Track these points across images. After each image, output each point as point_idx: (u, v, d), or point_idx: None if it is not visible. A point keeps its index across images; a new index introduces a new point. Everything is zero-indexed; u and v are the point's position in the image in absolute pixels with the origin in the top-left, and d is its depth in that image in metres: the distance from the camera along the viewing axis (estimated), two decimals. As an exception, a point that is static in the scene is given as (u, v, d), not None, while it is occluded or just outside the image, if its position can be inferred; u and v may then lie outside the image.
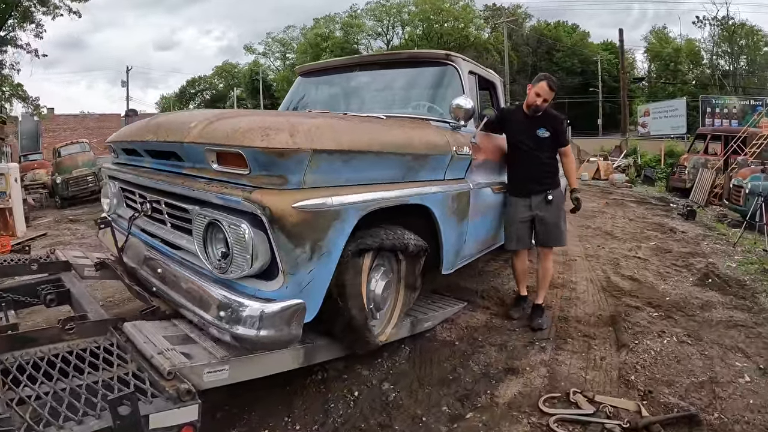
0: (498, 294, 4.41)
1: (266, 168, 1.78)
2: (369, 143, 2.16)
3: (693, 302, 4.16)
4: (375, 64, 3.85)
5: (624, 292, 4.44)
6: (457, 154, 2.86)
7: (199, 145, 1.91)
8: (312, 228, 1.84)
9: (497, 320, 3.85)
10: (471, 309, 4.08)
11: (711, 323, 3.71)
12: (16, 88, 19.23)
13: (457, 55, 3.46)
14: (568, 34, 47.85)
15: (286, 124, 1.87)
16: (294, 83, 4.20)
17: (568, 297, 4.32)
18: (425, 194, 2.58)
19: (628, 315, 3.87)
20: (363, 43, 49.14)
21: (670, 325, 3.67)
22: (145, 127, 2.41)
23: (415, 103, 3.47)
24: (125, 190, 2.83)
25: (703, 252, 6.07)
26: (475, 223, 3.22)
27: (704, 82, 37.54)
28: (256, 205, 1.70)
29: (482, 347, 3.37)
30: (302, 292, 1.87)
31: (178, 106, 59.38)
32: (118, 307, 4.12)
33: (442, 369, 3.02)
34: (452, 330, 3.64)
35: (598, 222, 8.27)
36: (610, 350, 3.28)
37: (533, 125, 3.46)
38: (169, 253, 2.33)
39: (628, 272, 5.07)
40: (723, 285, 4.64)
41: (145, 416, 1.43)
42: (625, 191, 13.89)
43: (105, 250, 3.37)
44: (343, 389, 2.69)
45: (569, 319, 3.83)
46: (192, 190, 1.99)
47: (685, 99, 23.08)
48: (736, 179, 8.42)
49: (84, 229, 8.84)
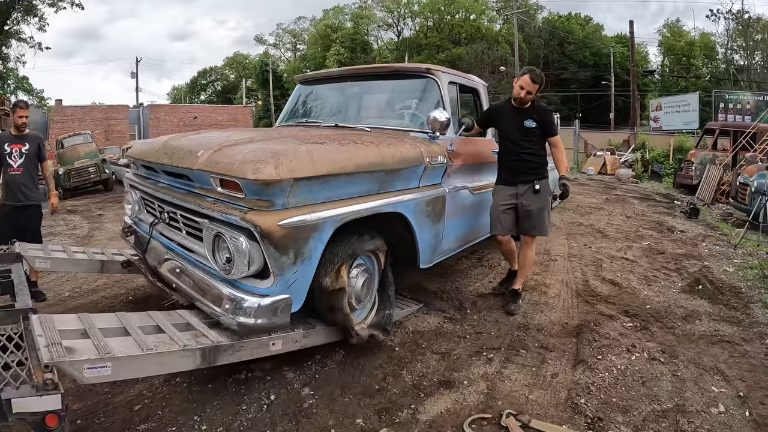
0: (459, 296, 4.00)
1: (257, 194, 2.18)
2: (343, 166, 2.47)
3: (676, 312, 3.70)
4: (364, 76, 4.14)
5: (600, 297, 3.98)
6: (431, 164, 3.11)
7: (206, 173, 2.34)
8: (294, 239, 2.24)
9: (449, 325, 3.46)
10: (425, 311, 3.72)
11: (692, 338, 3.25)
12: (21, 80, 19.21)
13: (437, 68, 3.63)
14: (581, 26, 46.67)
15: (272, 157, 2.19)
16: (294, 90, 4.57)
17: (536, 302, 3.88)
18: (398, 202, 2.86)
19: (598, 325, 3.42)
20: (373, 34, 48.66)
21: (644, 339, 3.21)
22: (162, 150, 2.79)
23: (399, 113, 3.76)
24: (145, 199, 3.19)
25: (699, 254, 5.56)
26: (453, 223, 3.47)
27: (718, 77, 36.35)
28: (250, 224, 2.12)
29: (423, 355, 3.03)
30: (289, 288, 2.29)
31: (190, 97, 59.54)
32: (83, 298, 4.07)
33: (371, 377, 2.73)
34: (396, 334, 3.31)
35: (592, 218, 7.76)
36: (565, 366, 2.85)
37: (520, 117, 3.55)
38: (184, 255, 2.72)
39: (610, 275, 4.60)
40: (714, 292, 4.16)
41: (7, 400, 1.60)
42: (630, 187, 13.27)
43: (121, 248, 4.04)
44: (262, 391, 2.55)
45: (530, 327, 3.40)
46: (202, 208, 2.40)
47: (698, 93, 22.17)
48: (743, 176, 7.85)
49: (78, 219, 8.87)
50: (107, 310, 3.59)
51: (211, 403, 2.45)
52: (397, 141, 3.02)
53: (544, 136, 3.62)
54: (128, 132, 29.91)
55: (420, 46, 44.48)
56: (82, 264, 3.57)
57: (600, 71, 40.59)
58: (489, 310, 3.73)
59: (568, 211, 8.40)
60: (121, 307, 3.76)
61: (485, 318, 3.59)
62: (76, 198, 12.49)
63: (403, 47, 46.75)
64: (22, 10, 17.96)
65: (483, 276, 4.55)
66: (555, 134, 3.69)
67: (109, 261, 3.60)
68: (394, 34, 48.59)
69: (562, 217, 7.73)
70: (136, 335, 2.12)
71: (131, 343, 2.05)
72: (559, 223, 7.24)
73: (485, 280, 4.42)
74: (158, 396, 2.53)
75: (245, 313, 2.19)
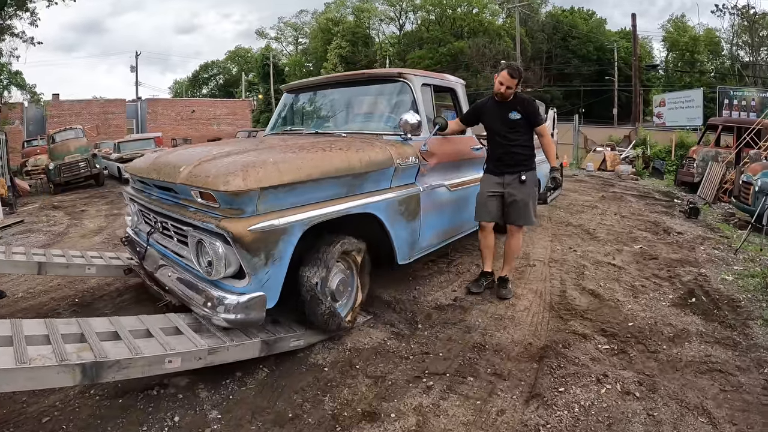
0: (413, 307, 3.51)
1: (228, 203, 2.36)
2: (309, 174, 2.62)
3: (662, 331, 3.18)
4: (342, 83, 4.27)
5: (576, 312, 3.47)
6: (401, 164, 3.22)
7: (186, 186, 2.53)
8: (265, 242, 2.40)
9: (393, 342, 2.98)
10: (372, 323, 3.25)
11: (677, 365, 2.74)
12: (15, 75, 18.90)
13: (409, 71, 3.73)
14: (585, 20, 45.80)
15: (241, 170, 2.38)
16: (281, 99, 4.79)
17: (501, 316, 3.38)
18: (369, 203, 2.99)
19: (568, 346, 2.92)
20: (375, 28, 47.96)
21: (619, 366, 2.70)
22: (152, 166, 3.01)
23: (375, 117, 3.90)
24: (142, 211, 3.39)
25: (696, 260, 5.03)
26: (430, 220, 3.57)
27: (723, 73, 35.43)
28: (224, 230, 2.30)
29: (354, 378, 2.60)
30: (263, 287, 2.45)
31: (191, 91, 59.21)
32: (33, 299, 3.99)
33: (288, 402, 2.42)
34: (331, 351, 2.90)
35: (583, 218, 7.21)
36: (516, 400, 2.35)
37: (504, 110, 3.60)
38: (176, 260, 2.93)
39: (592, 284, 4.08)
40: (709, 306, 3.64)
41: None
42: (629, 184, 12.67)
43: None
44: (169, 411, 2.34)
45: (486, 347, 2.90)
46: (185, 217, 2.61)
47: (702, 89, 21.39)
48: (746, 175, 7.27)
49: (61, 215, 8.83)
50: (50, 312, 3.63)
51: (115, 421, 2.27)
52: (367, 145, 3.14)
53: (530, 127, 3.62)
54: (125, 126, 29.43)
55: (422, 39, 43.76)
56: (20, 266, 3.52)
57: (603, 66, 39.75)
58: (444, 325, 3.23)
59: (559, 209, 7.86)
60: (65, 309, 3.72)
61: (437, 335, 3.10)
62: (67, 193, 12.34)
63: (404, 41, 46.09)
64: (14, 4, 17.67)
65: (447, 283, 4.05)
66: (540, 123, 3.64)
67: (46, 263, 3.55)
68: (395, 27, 47.92)
69: (550, 216, 7.18)
70: (19, 346, 1.98)
71: (9, 355, 1.92)
72: (547, 222, 6.71)
73: (448, 289, 3.91)
74: (68, 409, 2.37)
75: (227, 310, 2.39)
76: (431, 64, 40.07)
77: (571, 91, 39.44)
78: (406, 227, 3.32)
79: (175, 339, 2.41)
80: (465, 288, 3.93)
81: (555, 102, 34.61)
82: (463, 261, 4.63)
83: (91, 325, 2.32)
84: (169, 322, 2.64)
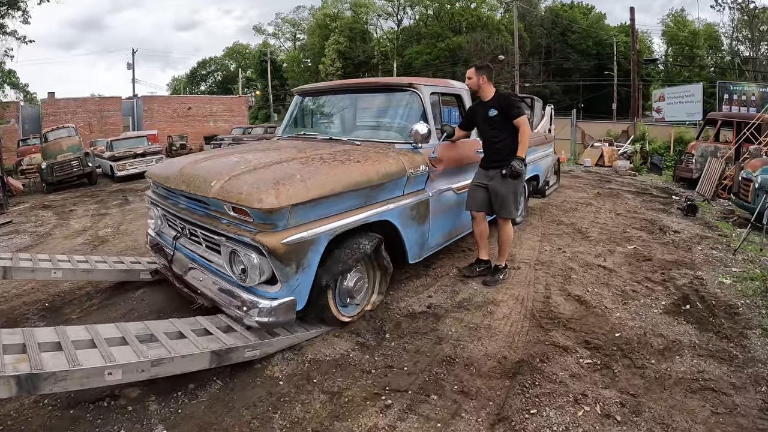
0: (383, 314, 3.27)
1: (262, 219, 2.52)
2: (332, 189, 2.76)
3: (652, 343, 2.91)
4: (354, 90, 4.46)
5: (559, 321, 3.20)
6: (413, 173, 3.41)
7: (219, 201, 2.66)
8: (296, 253, 2.60)
9: (356, 354, 2.73)
10: (337, 332, 2.99)
11: (666, 382, 2.47)
12: (8, 74, 18.69)
13: (419, 81, 3.87)
14: (584, 15, 45.33)
15: (272, 188, 2.54)
16: (292, 101, 4.89)
17: (477, 325, 3.11)
18: (384, 211, 3.17)
19: (546, 361, 2.65)
20: (372, 23, 47.54)
21: (601, 384, 2.44)
22: (180, 177, 3.08)
23: (386, 125, 4.00)
24: (167, 216, 3.50)
25: (692, 261, 4.75)
26: (438, 221, 3.80)
27: (723, 67, 35.00)
28: (259, 243, 2.50)
29: (309, 394, 2.39)
30: (293, 292, 2.66)
31: (189, 87, 58.94)
32: (5, 303, 3.95)
33: (237, 418, 2.26)
34: (290, 362, 2.70)
35: (576, 216, 6.92)
36: (481, 424, 2.11)
37: (485, 108, 3.78)
38: (205, 264, 3.04)
39: (579, 290, 3.81)
40: (705, 314, 3.37)
41: None
42: (626, 180, 12.37)
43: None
44: (116, 424, 2.25)
45: (456, 360, 2.64)
46: (219, 229, 2.74)
47: (701, 84, 21.00)
48: (746, 171, 6.97)
49: (49, 215, 8.63)
50: (20, 317, 3.61)
51: (61, 433, 2.12)
52: (382, 156, 3.29)
53: (509, 122, 3.66)
54: (121, 124, 29.14)
55: (420, 34, 43.38)
56: None
57: (603, 61, 39.37)
58: (413, 335, 2.97)
59: (551, 207, 7.57)
60: (34, 314, 3.68)
61: (405, 346, 2.84)
62: (59, 192, 12.21)
63: (402, 36, 45.69)
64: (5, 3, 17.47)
65: (423, 288, 3.78)
66: (516, 116, 3.66)
67: (12, 268, 3.50)
68: (393, 23, 47.54)
69: (541, 215, 6.90)
70: None
71: None
72: (537, 221, 6.43)
73: (423, 294, 3.65)
74: (22, 418, 2.34)
75: (260, 313, 2.57)
76: (429, 59, 39.72)
77: (570, 86, 39.06)
78: (417, 230, 3.54)
79: (118, 350, 2.30)
80: (456, 269, 4.17)
81: (554, 97, 34.28)
82: (443, 264, 4.36)
83: (35, 336, 2.27)
84: (116, 332, 2.50)
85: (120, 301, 3.87)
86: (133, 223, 7.42)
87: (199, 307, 3.09)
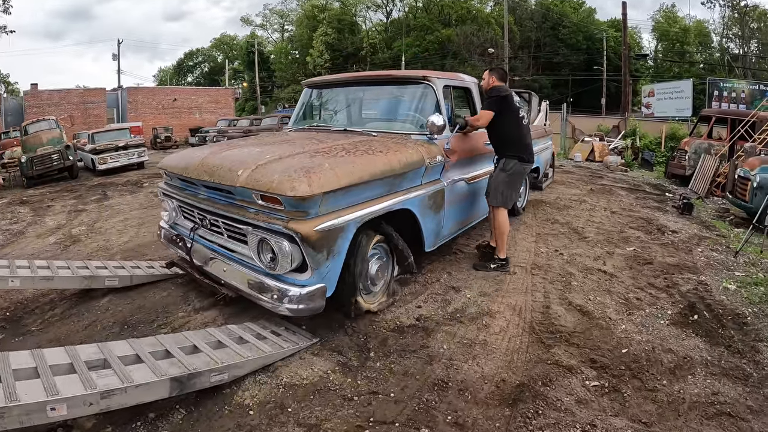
0: (368, 328, 2.99)
1: (295, 207, 2.55)
2: (360, 177, 2.85)
3: (662, 360, 2.68)
4: (367, 82, 4.52)
5: (561, 335, 2.95)
6: (431, 163, 3.49)
7: (248, 189, 2.69)
8: (327, 240, 2.64)
9: (338, 377, 2.46)
10: (317, 350, 2.72)
11: (680, 408, 2.23)
12: None
13: (432, 74, 3.97)
14: (575, 9, 45.18)
15: (304, 176, 2.57)
16: (302, 93, 4.92)
17: (471, 341, 2.85)
18: (405, 200, 3.27)
19: (549, 384, 2.40)
20: (361, 15, 46.95)
21: (611, 410, 2.19)
22: (201, 168, 3.08)
23: (401, 117, 4.04)
24: (182, 207, 3.51)
25: (694, 264, 4.54)
26: (451, 210, 3.90)
27: (713, 64, 35.14)
28: (292, 231, 2.52)
29: (283, 426, 2.10)
30: (323, 278, 2.69)
31: (176, 79, 57.94)
32: None
33: None
34: (262, 387, 2.40)
35: (570, 215, 6.68)
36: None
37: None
38: (227, 254, 3.08)
39: (580, 298, 3.57)
40: (713, 325, 3.15)
41: None
42: (618, 176, 12.20)
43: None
44: None
45: (449, 384, 2.38)
46: (245, 218, 2.78)
47: (691, 80, 21.00)
48: (743, 169, 6.79)
49: (26, 212, 8.33)
50: None
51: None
52: (402, 146, 3.37)
53: (498, 116, 3.86)
54: (106, 116, 28.42)
55: (409, 27, 42.91)
56: None
57: (593, 56, 39.30)
58: (401, 353, 2.70)
59: (545, 204, 7.33)
60: None
61: (391, 367, 2.57)
62: (39, 187, 11.76)
63: (391, 28, 45.18)
64: None
65: (412, 297, 3.51)
66: (483, 108, 4.00)
67: None
68: (382, 14, 46.97)
69: (535, 212, 6.65)
70: None
71: None
72: (531, 220, 6.18)
73: (412, 304, 3.38)
74: None
75: (291, 301, 2.58)
76: (418, 51, 39.33)
77: (560, 80, 38.96)
78: (434, 219, 3.64)
79: (64, 380, 2.01)
80: (478, 245, 4.49)
81: (543, 91, 34.12)
82: (434, 268, 4.09)
83: None
84: (65, 357, 2.21)
85: (84, 310, 3.56)
86: (108, 220, 7.06)
87: (223, 297, 3.10)
